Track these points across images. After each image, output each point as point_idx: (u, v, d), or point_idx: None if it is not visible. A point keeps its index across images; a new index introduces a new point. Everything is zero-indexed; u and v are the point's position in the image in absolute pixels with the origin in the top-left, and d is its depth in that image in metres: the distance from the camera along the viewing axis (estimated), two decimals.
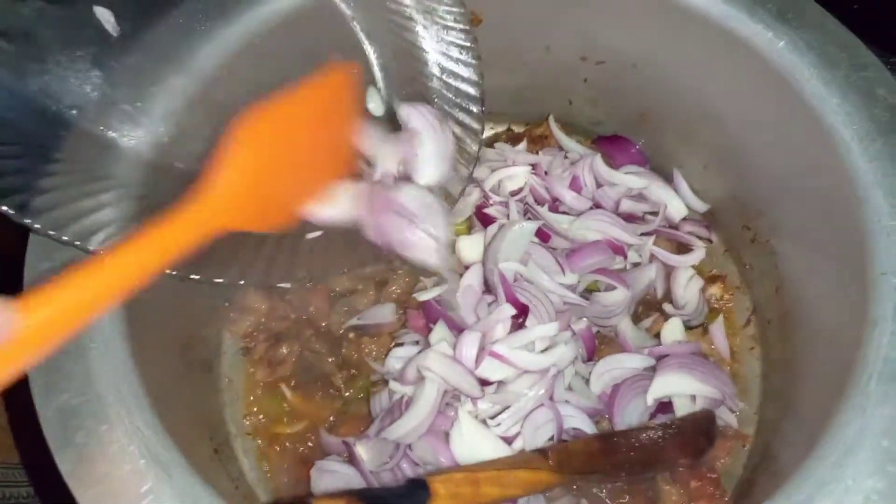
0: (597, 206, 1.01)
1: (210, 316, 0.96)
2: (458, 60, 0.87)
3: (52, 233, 0.65)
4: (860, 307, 0.69)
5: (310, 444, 0.93)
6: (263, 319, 0.99)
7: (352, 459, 0.86)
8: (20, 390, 0.63)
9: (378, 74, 0.88)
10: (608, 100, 1.06)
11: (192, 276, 0.71)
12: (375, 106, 0.88)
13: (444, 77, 0.87)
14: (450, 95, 0.87)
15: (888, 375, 0.63)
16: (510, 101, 1.11)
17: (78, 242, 0.66)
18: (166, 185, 0.73)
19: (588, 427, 0.85)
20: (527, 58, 1.03)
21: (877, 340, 0.65)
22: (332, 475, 0.86)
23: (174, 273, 0.69)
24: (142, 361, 0.68)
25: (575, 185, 1.02)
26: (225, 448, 0.89)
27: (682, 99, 0.97)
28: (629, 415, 0.88)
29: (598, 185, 1.03)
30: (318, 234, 0.80)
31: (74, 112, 0.70)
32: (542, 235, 0.96)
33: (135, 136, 0.75)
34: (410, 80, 0.87)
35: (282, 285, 0.76)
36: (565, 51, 1.00)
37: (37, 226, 0.64)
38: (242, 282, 0.75)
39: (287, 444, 0.93)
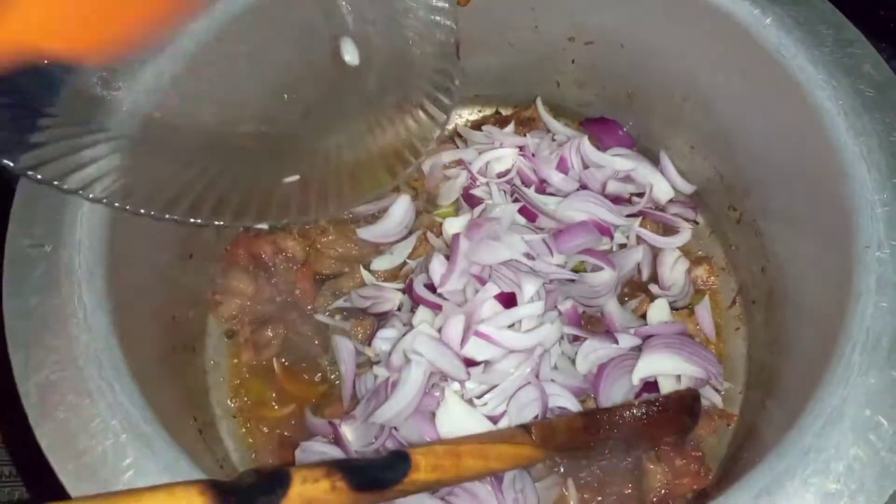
0: (583, 187, 1.01)
1: (194, 298, 0.95)
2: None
3: (55, 183, 0.65)
4: (844, 281, 0.69)
5: (293, 424, 0.92)
6: (249, 302, 0.98)
7: (337, 440, 0.86)
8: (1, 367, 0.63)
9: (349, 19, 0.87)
10: (596, 81, 1.06)
11: (168, 216, 0.71)
12: (351, 57, 0.87)
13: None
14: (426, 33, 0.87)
15: (871, 346, 0.63)
16: (498, 84, 1.11)
17: (80, 192, 0.67)
18: (160, 135, 0.75)
19: (573, 406, 0.85)
20: (514, 38, 1.03)
21: (860, 312, 0.65)
22: (317, 456, 0.86)
23: (153, 214, 0.70)
24: (125, 338, 0.67)
25: (562, 167, 1.02)
26: (210, 429, 0.88)
27: (669, 79, 0.97)
28: (615, 394, 0.88)
29: (585, 167, 1.03)
30: (295, 178, 0.80)
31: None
32: (529, 215, 0.96)
33: (126, 90, 0.75)
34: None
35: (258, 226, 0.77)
36: (554, 31, 1.00)
37: (38, 176, 0.64)
38: (219, 222, 0.74)
39: (272, 426, 0.93)
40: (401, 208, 1.01)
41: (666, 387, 0.87)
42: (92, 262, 0.68)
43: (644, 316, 0.96)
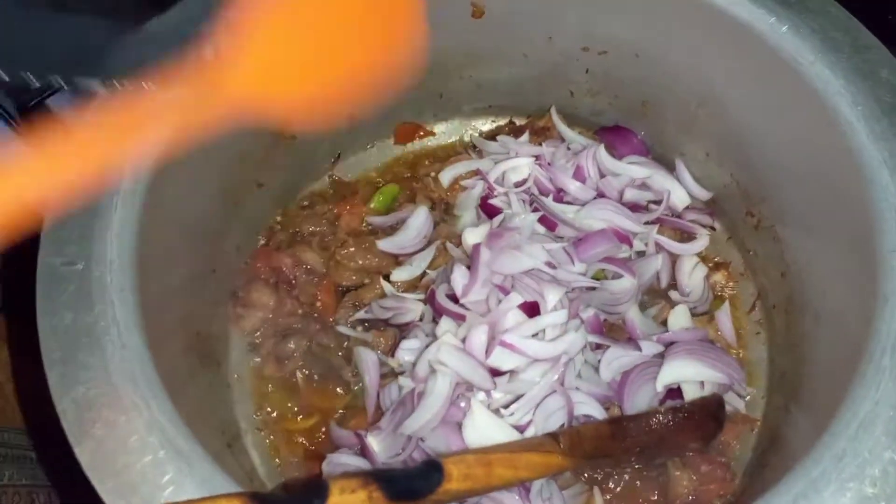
0: (600, 195, 1.02)
1: (217, 312, 0.96)
2: None
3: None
4: (868, 286, 0.69)
5: (320, 438, 0.93)
6: (270, 315, 0.99)
7: (363, 452, 0.86)
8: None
9: None
10: (610, 90, 1.06)
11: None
12: None
13: None
14: None
15: None
16: (511, 94, 1.12)
17: None
18: None
19: (599, 413, 0.85)
20: (528, 49, 1.03)
21: (888, 316, 0.66)
22: (343, 468, 0.86)
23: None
24: (155, 354, 0.68)
25: (579, 176, 1.02)
26: (237, 443, 0.89)
27: (683, 87, 0.97)
28: (639, 401, 0.88)
29: (602, 176, 1.03)
30: None
31: None
32: (549, 225, 0.96)
33: None
34: None
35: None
36: (567, 41, 1.01)
37: None
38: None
39: (298, 438, 0.93)
40: (419, 219, 1.02)
41: (690, 393, 0.88)
42: (123, 279, 0.69)
43: (665, 322, 0.96)
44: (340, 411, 0.93)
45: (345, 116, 0.56)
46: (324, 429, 0.92)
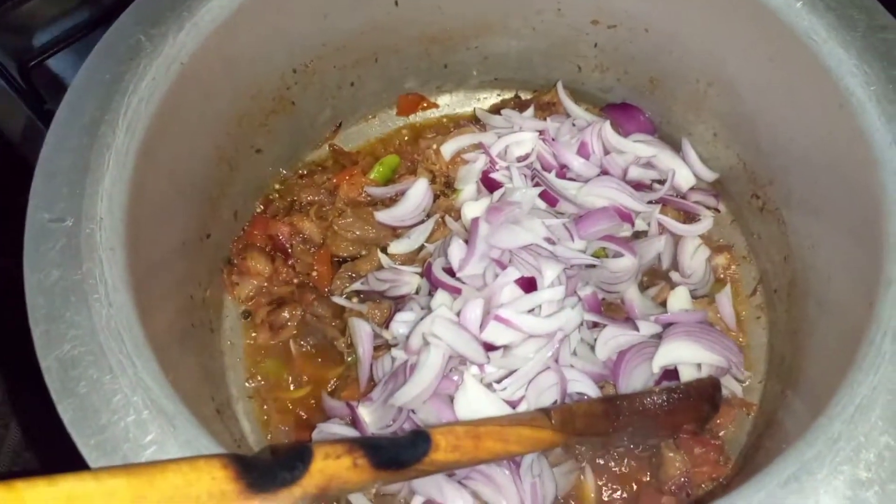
0: (604, 173, 1.00)
1: (211, 278, 0.95)
2: None
3: None
4: (872, 270, 0.68)
5: (311, 406, 0.92)
6: (265, 284, 0.98)
7: (354, 422, 0.85)
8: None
9: None
10: (618, 66, 1.04)
11: None
12: None
13: None
14: None
15: None
16: (518, 68, 1.10)
17: None
18: None
19: (593, 391, 0.84)
20: (537, 21, 1.01)
21: (892, 300, 0.64)
22: (334, 438, 0.85)
23: None
24: (144, 315, 0.67)
25: (583, 152, 1.01)
26: (227, 410, 0.88)
27: (693, 64, 0.95)
28: (634, 381, 0.87)
29: (606, 153, 1.01)
30: None
31: None
32: (550, 200, 0.95)
33: None
34: None
35: None
36: (577, 14, 0.99)
37: None
38: None
39: (289, 407, 0.92)
40: (418, 192, 1.01)
41: (686, 375, 0.87)
42: (113, 237, 0.68)
43: (664, 303, 0.95)
44: (333, 381, 0.93)
45: None
46: (315, 399, 0.91)
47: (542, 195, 0.95)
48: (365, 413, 0.85)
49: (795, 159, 0.87)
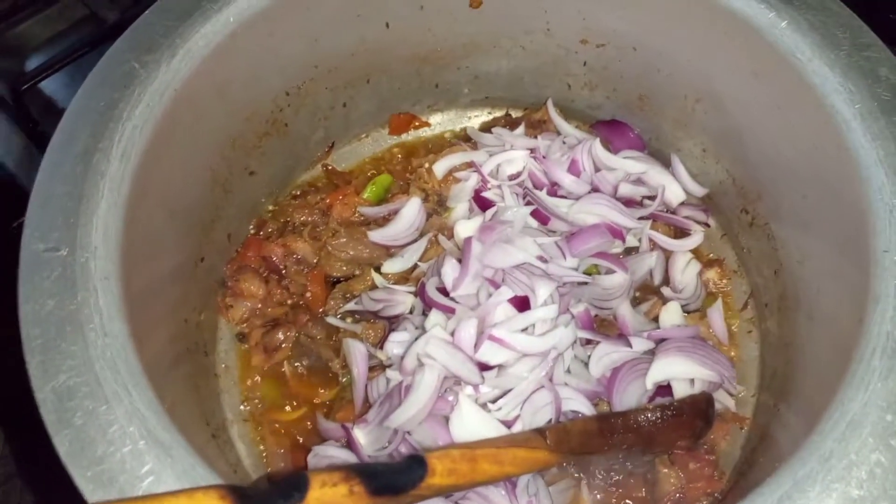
0: (595, 190, 1.01)
1: (205, 301, 0.95)
2: None
3: None
4: (861, 285, 0.68)
5: (306, 429, 0.92)
6: (259, 305, 0.98)
7: (350, 444, 0.85)
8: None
9: None
10: (607, 83, 1.05)
11: None
12: None
13: None
14: None
15: (891, 350, 0.63)
16: (508, 86, 1.11)
17: None
18: None
19: (587, 409, 0.84)
20: (526, 41, 1.03)
21: (879, 317, 0.65)
22: (329, 460, 0.85)
23: None
24: (138, 342, 0.67)
25: (573, 169, 1.01)
26: (222, 433, 0.88)
27: (681, 82, 0.97)
28: (628, 398, 0.87)
29: (597, 170, 1.02)
30: None
31: None
32: (541, 219, 0.95)
33: None
34: None
35: None
36: (565, 34, 1.00)
37: None
38: None
39: (284, 430, 0.92)
40: (411, 211, 1.01)
41: (679, 391, 0.87)
42: (107, 266, 0.68)
43: (657, 319, 0.95)
44: (328, 403, 0.93)
45: None
46: (310, 421, 0.91)
47: (534, 213, 0.96)
48: (360, 435, 0.85)
49: (783, 174, 0.88)
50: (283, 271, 0.99)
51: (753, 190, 0.95)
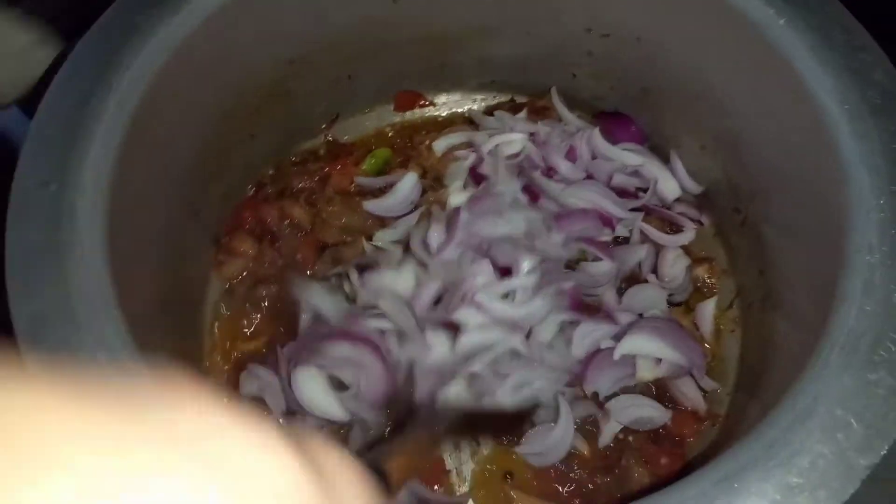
0: (589, 177, 1.01)
1: (198, 255, 0.97)
2: None
3: None
4: (830, 283, 0.68)
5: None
6: (251, 265, 1.00)
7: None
8: None
9: None
10: (611, 74, 1.06)
11: None
12: None
13: None
14: None
15: (850, 348, 0.63)
16: (514, 72, 1.12)
17: None
18: None
19: (556, 384, 0.86)
20: (533, 27, 1.03)
21: (844, 314, 0.65)
22: (257, 379, 0.89)
23: None
24: (121, 281, 0.69)
25: (571, 156, 1.02)
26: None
27: (682, 75, 0.97)
28: (603, 381, 0.88)
29: (594, 158, 1.03)
30: None
31: None
32: (532, 195, 0.97)
33: None
34: None
35: None
36: (571, 21, 1.00)
37: None
38: None
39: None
40: (407, 184, 1.03)
41: (644, 368, 0.88)
42: (94, 205, 0.70)
43: None
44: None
45: None
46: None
47: (525, 189, 0.97)
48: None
49: (774, 174, 0.88)
50: (277, 234, 1.02)
51: (747, 189, 0.95)
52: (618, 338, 0.89)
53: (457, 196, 0.97)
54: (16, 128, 1.01)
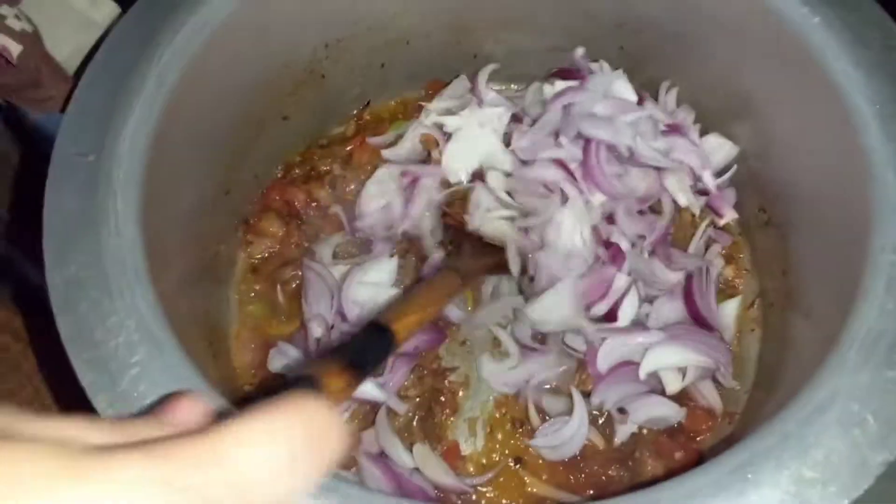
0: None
1: (227, 234, 0.99)
2: None
3: None
4: (853, 282, 0.68)
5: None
6: (278, 246, 1.02)
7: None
8: None
9: None
10: (643, 70, 1.05)
11: None
12: None
13: None
14: None
15: (869, 345, 0.63)
16: (541, 64, 1.12)
17: None
18: None
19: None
20: (564, 20, 1.04)
21: (865, 312, 0.65)
22: (285, 357, 0.91)
23: None
24: (152, 252, 0.71)
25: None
26: (222, 358, 0.93)
27: (715, 73, 0.97)
28: (611, 395, 0.89)
29: None
30: None
31: None
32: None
33: None
34: None
35: None
36: (604, 16, 1.00)
37: None
38: None
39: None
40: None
41: (670, 382, 0.88)
42: (130, 176, 0.72)
43: None
44: None
45: None
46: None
47: None
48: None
49: (801, 173, 0.88)
50: (304, 216, 1.03)
51: (773, 188, 0.95)
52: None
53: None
54: None
